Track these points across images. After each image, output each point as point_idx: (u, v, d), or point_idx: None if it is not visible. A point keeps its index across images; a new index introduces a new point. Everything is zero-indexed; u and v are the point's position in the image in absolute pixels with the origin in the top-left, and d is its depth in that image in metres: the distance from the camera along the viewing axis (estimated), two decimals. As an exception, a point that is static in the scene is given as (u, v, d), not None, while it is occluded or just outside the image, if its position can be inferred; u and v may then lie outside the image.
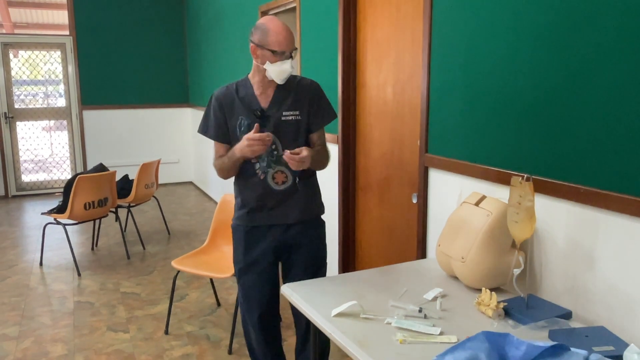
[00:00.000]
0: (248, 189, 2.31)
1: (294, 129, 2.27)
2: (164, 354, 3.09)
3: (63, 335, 3.33)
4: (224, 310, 3.67)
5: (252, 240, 2.35)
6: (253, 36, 2.17)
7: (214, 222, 3.54)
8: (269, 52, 2.12)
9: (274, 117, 2.24)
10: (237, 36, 5.58)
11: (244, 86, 2.28)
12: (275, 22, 2.14)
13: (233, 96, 2.26)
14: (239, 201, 2.36)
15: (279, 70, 2.15)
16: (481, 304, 1.78)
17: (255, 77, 2.25)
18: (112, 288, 4.09)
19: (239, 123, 2.25)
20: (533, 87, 1.94)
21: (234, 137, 2.27)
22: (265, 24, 2.14)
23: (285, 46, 2.12)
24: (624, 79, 1.63)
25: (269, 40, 2.11)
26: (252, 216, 2.33)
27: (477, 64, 2.21)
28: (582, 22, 1.74)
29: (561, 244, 1.88)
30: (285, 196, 2.29)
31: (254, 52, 2.17)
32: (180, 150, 8.09)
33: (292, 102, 2.27)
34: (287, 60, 2.14)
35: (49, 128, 7.68)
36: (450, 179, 2.43)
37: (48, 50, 7.33)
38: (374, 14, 3.12)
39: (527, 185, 1.71)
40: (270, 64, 2.14)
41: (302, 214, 2.33)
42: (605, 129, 1.69)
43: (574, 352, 1.26)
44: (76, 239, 5.36)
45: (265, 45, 2.12)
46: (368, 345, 1.56)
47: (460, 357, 1.23)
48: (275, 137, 2.24)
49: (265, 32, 2.12)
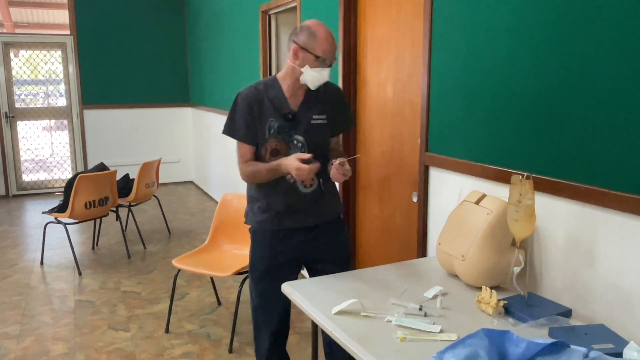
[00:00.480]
0: (276, 193, 2.24)
1: (322, 133, 2.25)
2: (164, 353, 3.09)
3: (64, 333, 3.34)
4: (224, 309, 3.67)
5: (277, 245, 2.29)
6: (298, 37, 2.10)
7: (214, 221, 3.54)
8: (312, 56, 2.07)
9: (304, 121, 2.21)
10: (238, 36, 5.59)
11: (273, 87, 2.22)
12: (324, 28, 2.08)
13: (262, 97, 2.20)
14: (263, 204, 2.28)
15: (317, 77, 2.11)
16: (481, 302, 1.78)
17: (287, 79, 2.20)
18: (112, 287, 4.10)
19: (269, 125, 2.19)
20: (533, 85, 1.94)
21: (261, 139, 2.21)
22: (313, 27, 2.08)
23: (329, 54, 2.08)
24: (623, 77, 1.63)
25: (316, 44, 2.06)
26: (279, 220, 2.27)
27: (477, 63, 2.21)
28: (581, 21, 1.74)
29: (561, 242, 1.89)
30: (312, 199, 2.26)
31: (296, 53, 2.11)
32: (180, 149, 8.10)
33: (320, 106, 2.24)
34: (326, 68, 2.10)
35: (49, 128, 7.69)
36: (450, 177, 2.44)
37: (49, 50, 7.34)
38: (374, 14, 3.12)
39: (527, 184, 1.72)
40: (310, 68, 2.09)
41: (328, 215, 2.33)
42: (604, 127, 1.70)
43: (574, 350, 1.26)
44: (77, 238, 5.37)
45: (310, 49, 2.07)
46: (369, 343, 1.56)
47: (460, 354, 1.24)
48: (305, 140, 2.20)
49: (312, 36, 2.07)
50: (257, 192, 2.30)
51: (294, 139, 2.20)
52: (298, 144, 2.21)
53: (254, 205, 2.32)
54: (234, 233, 3.49)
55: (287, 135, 2.20)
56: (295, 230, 2.29)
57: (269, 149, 2.20)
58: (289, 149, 2.21)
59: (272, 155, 2.20)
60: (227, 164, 6.36)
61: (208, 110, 6.94)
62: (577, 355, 1.25)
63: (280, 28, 4.88)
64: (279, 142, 2.20)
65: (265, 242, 2.31)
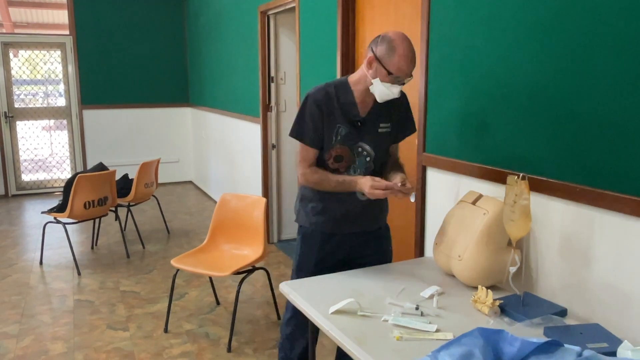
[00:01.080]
0: (335, 198, 2.20)
1: (386, 141, 2.21)
2: (163, 352, 3.10)
3: (63, 333, 3.35)
4: (223, 309, 3.68)
5: (327, 248, 2.27)
6: (376, 47, 2.02)
7: (213, 221, 3.55)
8: (385, 70, 2.00)
9: (371, 129, 2.16)
10: (237, 36, 5.60)
11: (344, 91, 2.15)
12: (405, 44, 1.98)
13: (333, 101, 2.13)
14: (319, 207, 2.24)
15: (386, 92, 2.04)
16: (477, 301, 1.79)
17: (360, 85, 2.13)
18: (111, 286, 4.11)
19: (337, 131, 2.13)
20: (529, 87, 1.96)
21: (327, 144, 2.15)
22: (394, 41, 1.98)
23: (403, 73, 1.99)
24: (618, 78, 1.64)
25: (392, 60, 1.97)
26: (335, 224, 2.24)
27: (474, 63, 2.23)
28: (577, 23, 1.76)
29: (557, 242, 1.90)
30: (368, 206, 2.24)
31: (370, 62, 2.04)
32: (180, 149, 8.11)
33: (387, 114, 2.19)
34: (398, 85, 2.03)
35: (48, 127, 7.70)
36: (447, 178, 2.45)
37: (48, 50, 7.34)
38: (372, 14, 3.13)
39: (522, 184, 1.73)
40: (380, 82, 2.02)
41: (379, 221, 2.32)
42: (600, 128, 1.71)
43: (567, 349, 1.28)
44: (76, 238, 5.38)
45: (385, 63, 1.99)
46: (365, 342, 1.58)
47: (455, 353, 1.25)
48: (371, 149, 2.17)
49: (391, 51, 1.98)
50: (313, 193, 2.26)
51: (360, 146, 2.16)
52: (363, 152, 2.17)
53: (307, 205, 2.28)
54: (233, 233, 3.50)
55: (353, 143, 2.15)
56: (347, 235, 2.27)
57: (333, 155, 2.15)
58: (353, 156, 2.16)
59: (336, 161, 2.16)
60: (226, 164, 6.37)
61: (207, 111, 6.95)
62: (571, 354, 1.26)
63: (279, 28, 4.90)
64: (344, 149, 2.15)
65: (316, 243, 2.28)
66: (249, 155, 5.51)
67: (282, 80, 5.00)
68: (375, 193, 2.00)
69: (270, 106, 4.98)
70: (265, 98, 4.95)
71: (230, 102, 5.99)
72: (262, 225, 3.36)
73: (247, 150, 5.53)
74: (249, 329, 3.39)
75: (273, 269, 4.47)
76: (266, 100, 4.96)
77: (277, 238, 5.23)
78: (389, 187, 1.98)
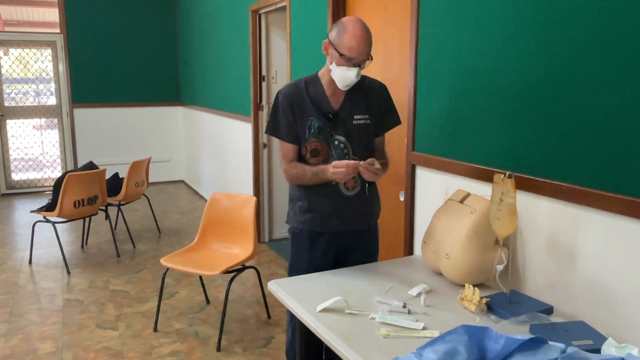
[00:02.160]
0: (319, 194, 2.20)
1: (364, 133, 2.19)
2: (152, 351, 3.09)
3: (51, 332, 3.33)
4: (213, 308, 3.67)
5: (318, 248, 2.26)
6: (330, 32, 2.04)
7: (203, 220, 3.54)
8: (337, 53, 2.00)
9: (345, 121, 2.15)
10: (228, 35, 5.58)
11: (314, 85, 2.16)
12: (356, 25, 1.98)
13: (303, 95, 2.14)
14: (305, 205, 2.23)
15: (343, 76, 2.03)
16: (464, 299, 1.80)
17: (326, 76, 2.14)
18: (101, 286, 4.09)
19: (309, 124, 2.13)
20: (517, 86, 1.96)
21: (302, 138, 2.16)
22: (344, 23, 1.99)
23: (355, 53, 1.98)
24: (605, 78, 1.65)
25: (342, 42, 1.98)
26: (322, 222, 2.22)
27: (462, 63, 2.23)
28: (565, 24, 1.76)
29: (543, 241, 1.91)
30: (355, 201, 2.22)
31: (325, 48, 2.05)
32: (171, 148, 8.08)
33: (363, 105, 2.17)
34: (353, 68, 2.00)
35: (39, 126, 7.65)
36: (436, 176, 2.46)
37: (39, 48, 7.30)
38: (362, 13, 3.14)
39: (509, 182, 1.74)
40: (336, 66, 2.03)
41: (370, 219, 2.30)
42: (586, 128, 1.72)
43: (552, 346, 1.28)
44: (66, 237, 5.35)
45: (336, 46, 2.00)
46: (352, 340, 1.58)
47: (440, 349, 1.25)
48: (347, 141, 2.16)
49: (340, 32, 1.99)
50: (299, 192, 2.25)
51: (335, 139, 2.15)
52: (340, 145, 2.16)
53: (295, 205, 2.27)
54: (223, 232, 3.50)
55: (329, 135, 2.14)
56: (337, 234, 2.26)
57: (309, 149, 2.16)
58: (329, 150, 2.15)
59: (313, 156, 2.15)
60: (218, 163, 6.36)
61: (199, 110, 6.93)
62: (555, 351, 1.26)
63: (270, 27, 4.89)
64: (319, 142, 2.15)
65: (306, 244, 2.26)
66: (240, 154, 5.50)
67: (273, 79, 4.99)
68: (337, 172, 1.99)
69: (262, 105, 4.98)
70: (256, 97, 4.95)
71: (222, 101, 5.97)
72: (252, 224, 3.36)
73: (239, 149, 5.53)
74: (238, 328, 3.39)
75: (264, 268, 4.47)
76: (257, 99, 4.96)
77: (268, 237, 5.22)
78: (350, 166, 1.97)
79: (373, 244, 2.37)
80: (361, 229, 2.30)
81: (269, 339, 3.24)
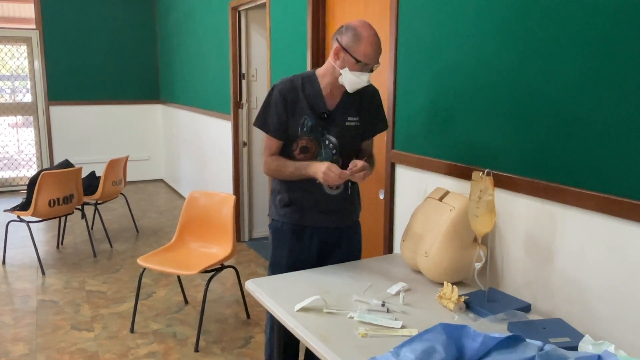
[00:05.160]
0: (301, 190, 2.19)
1: (354, 135, 2.19)
2: (128, 353, 3.04)
3: (25, 334, 3.25)
4: (191, 308, 3.63)
5: (297, 241, 2.24)
6: (341, 37, 2.01)
7: (181, 219, 3.49)
8: (352, 59, 1.99)
9: (338, 122, 2.14)
10: (208, 32, 5.53)
11: (311, 83, 2.13)
12: (370, 31, 1.99)
13: (298, 92, 2.12)
14: (285, 198, 2.22)
15: (356, 81, 2.03)
16: (443, 297, 1.79)
17: (327, 77, 2.11)
18: (77, 286, 4.01)
19: (302, 122, 2.12)
20: (495, 84, 1.96)
21: (293, 135, 2.14)
22: (358, 29, 1.98)
23: (371, 59, 2.00)
24: (581, 77, 1.66)
25: (358, 48, 1.97)
26: (302, 215, 2.22)
27: (441, 61, 2.23)
28: (541, 20, 1.77)
29: (521, 238, 1.91)
30: (337, 201, 2.22)
31: (337, 53, 2.02)
32: (150, 147, 7.98)
33: (356, 108, 2.17)
34: (367, 73, 2.02)
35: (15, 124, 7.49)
36: (415, 175, 2.45)
37: (13, 44, 7.15)
38: (342, 11, 3.12)
39: (487, 180, 1.73)
40: (349, 71, 2.01)
41: (351, 218, 2.30)
42: (563, 125, 1.72)
43: (529, 343, 1.28)
44: (41, 237, 5.24)
45: (352, 52, 1.98)
46: (330, 340, 1.56)
47: (417, 348, 1.24)
48: (337, 142, 2.15)
49: (356, 38, 1.97)
50: (280, 185, 2.24)
51: (327, 138, 2.15)
52: (329, 145, 2.15)
53: (276, 198, 2.26)
54: (201, 231, 3.45)
55: (320, 135, 2.14)
56: (317, 229, 2.24)
57: (299, 145, 2.14)
58: (319, 148, 2.15)
59: (302, 152, 2.14)
60: (197, 161, 6.29)
61: (179, 108, 6.85)
62: (532, 349, 1.26)
63: (250, 25, 4.85)
64: (310, 141, 2.14)
65: (287, 237, 2.25)
66: (219, 152, 5.45)
67: (253, 77, 4.95)
68: (330, 177, 1.99)
69: (242, 103, 4.94)
70: (236, 95, 4.90)
71: (202, 99, 5.91)
72: (231, 223, 3.32)
73: (218, 147, 5.47)
74: (217, 328, 3.35)
75: (244, 267, 4.43)
76: (237, 97, 4.91)
77: (248, 236, 5.18)
78: (343, 177, 1.99)
79: (357, 241, 2.36)
80: (343, 227, 2.29)
81: (248, 339, 3.20)
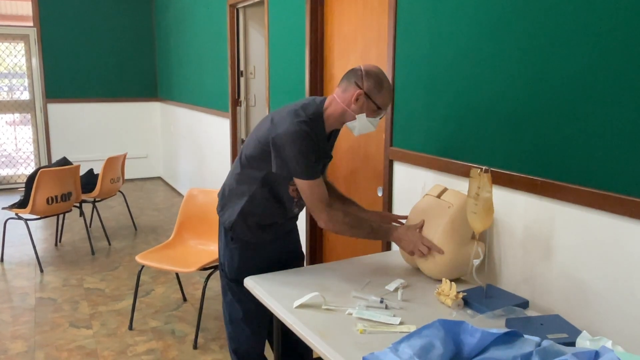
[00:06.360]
0: (280, 213, 2.13)
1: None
2: (127, 350, 3.04)
3: (23, 332, 3.25)
4: (190, 305, 3.63)
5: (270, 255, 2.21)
6: (364, 82, 1.93)
7: (179, 217, 3.50)
8: (374, 105, 1.95)
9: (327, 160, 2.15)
10: (206, 29, 5.52)
11: (317, 125, 2.01)
12: (388, 79, 1.98)
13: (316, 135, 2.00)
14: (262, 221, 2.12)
15: (369, 127, 2.00)
16: (441, 294, 1.80)
17: (331, 119, 2.02)
18: (75, 284, 4.01)
19: (323, 164, 2.09)
20: (493, 81, 1.97)
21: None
22: (379, 76, 1.95)
23: (387, 107, 2.00)
24: (579, 73, 1.66)
25: (381, 96, 1.94)
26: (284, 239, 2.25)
27: (439, 58, 2.23)
28: (539, 18, 1.77)
29: (519, 235, 1.92)
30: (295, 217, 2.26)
31: (358, 97, 1.94)
32: (148, 145, 7.97)
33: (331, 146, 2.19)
34: (377, 119, 2.00)
35: (12, 122, 7.48)
36: (414, 172, 2.46)
37: (11, 42, 7.13)
38: (340, 9, 3.12)
39: (485, 177, 1.74)
40: (366, 117, 1.96)
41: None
42: (560, 123, 1.73)
43: (527, 339, 1.28)
44: (40, 235, 5.24)
45: (375, 99, 1.94)
46: (328, 336, 1.56)
47: (416, 344, 1.24)
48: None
49: (380, 86, 1.94)
50: (253, 207, 2.09)
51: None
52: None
53: (248, 219, 2.11)
54: (200, 228, 3.46)
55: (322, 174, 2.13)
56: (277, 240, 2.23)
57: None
58: None
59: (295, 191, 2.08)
60: (195, 159, 6.29)
61: (177, 105, 6.85)
62: (530, 345, 1.27)
63: (249, 22, 4.84)
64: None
65: (258, 255, 2.18)
66: (218, 150, 5.44)
67: (251, 75, 4.95)
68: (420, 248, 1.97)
69: (240, 101, 4.93)
70: (234, 92, 4.90)
71: (200, 97, 5.91)
72: (229, 221, 3.32)
73: (216, 145, 5.47)
74: (215, 325, 3.35)
75: (242, 265, 4.43)
76: (235, 94, 4.91)
77: (246, 234, 5.17)
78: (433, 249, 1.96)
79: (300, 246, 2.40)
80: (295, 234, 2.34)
81: (247, 336, 3.21)
